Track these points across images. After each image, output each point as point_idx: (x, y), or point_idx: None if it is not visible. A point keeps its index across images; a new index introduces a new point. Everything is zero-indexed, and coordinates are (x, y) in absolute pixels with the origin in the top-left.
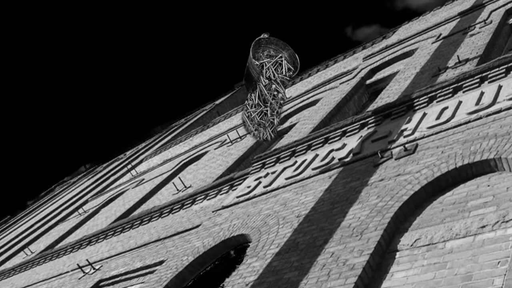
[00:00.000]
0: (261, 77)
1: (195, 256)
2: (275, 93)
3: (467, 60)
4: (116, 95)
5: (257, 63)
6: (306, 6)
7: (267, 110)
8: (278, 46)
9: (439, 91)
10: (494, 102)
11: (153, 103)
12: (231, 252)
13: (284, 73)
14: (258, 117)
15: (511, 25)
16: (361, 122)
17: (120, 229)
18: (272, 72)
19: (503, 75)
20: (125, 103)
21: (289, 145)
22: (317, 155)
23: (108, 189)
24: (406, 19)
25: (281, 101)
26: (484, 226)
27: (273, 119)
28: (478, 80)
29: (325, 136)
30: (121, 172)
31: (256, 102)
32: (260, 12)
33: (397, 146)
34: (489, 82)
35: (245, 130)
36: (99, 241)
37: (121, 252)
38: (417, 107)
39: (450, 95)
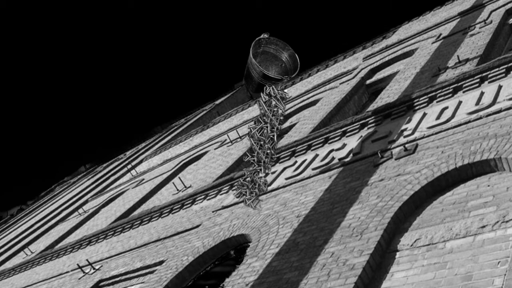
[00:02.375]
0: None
1: (195, 256)
2: (275, 109)
3: (467, 60)
4: (116, 95)
5: (256, 63)
6: (305, 8)
7: (267, 126)
8: (278, 46)
9: (439, 91)
10: (494, 102)
11: (153, 103)
12: (231, 252)
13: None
14: (258, 133)
15: (511, 25)
16: (361, 122)
17: (120, 229)
18: (272, 89)
19: (503, 75)
20: (125, 103)
21: (289, 145)
22: (317, 155)
23: (108, 189)
24: None
25: (281, 118)
26: (484, 226)
27: (273, 135)
28: (478, 80)
29: (325, 136)
30: (121, 172)
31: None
32: (261, 13)
33: (397, 146)
34: (489, 82)
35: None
36: (99, 241)
37: (121, 252)
38: (417, 107)
39: (450, 95)
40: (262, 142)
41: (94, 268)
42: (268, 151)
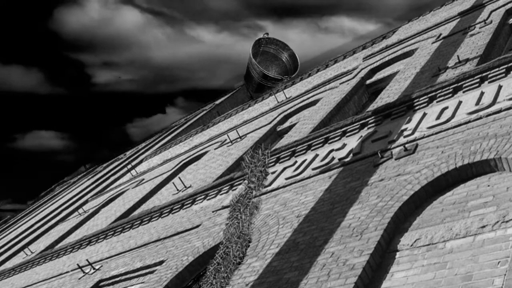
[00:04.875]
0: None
1: (195, 256)
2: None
3: (467, 60)
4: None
5: (257, 63)
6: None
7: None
8: (278, 46)
9: (439, 91)
10: (494, 102)
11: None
12: None
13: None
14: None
15: (511, 25)
16: (361, 122)
17: (120, 229)
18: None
19: (503, 75)
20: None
21: (289, 145)
22: (317, 155)
23: (108, 189)
24: None
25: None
26: (484, 226)
27: (265, 158)
28: (478, 80)
29: (325, 136)
30: (121, 172)
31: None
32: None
33: (397, 146)
34: (489, 82)
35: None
36: (99, 241)
37: (121, 252)
38: (417, 107)
39: (450, 95)
40: (253, 165)
41: (94, 268)
42: (259, 174)
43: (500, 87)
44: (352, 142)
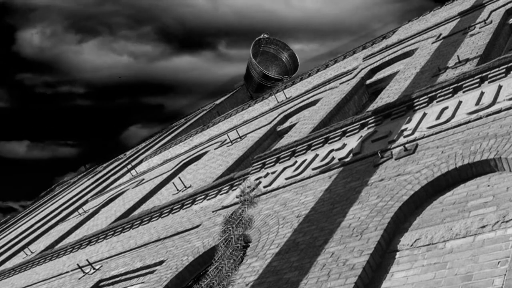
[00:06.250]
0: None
1: (195, 256)
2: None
3: (467, 60)
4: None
5: (257, 63)
6: None
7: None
8: (278, 46)
9: (439, 91)
10: (494, 102)
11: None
12: None
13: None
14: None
15: (511, 25)
16: (361, 122)
17: (120, 229)
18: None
19: (503, 75)
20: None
21: (289, 145)
22: (317, 155)
23: (108, 189)
24: None
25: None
26: (484, 226)
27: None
28: (478, 80)
29: (325, 136)
30: (121, 172)
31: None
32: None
33: (397, 146)
34: (489, 82)
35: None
36: (99, 241)
37: (121, 252)
38: (417, 107)
39: (450, 95)
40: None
41: (94, 268)
42: (254, 186)
43: (500, 87)
44: (352, 142)
